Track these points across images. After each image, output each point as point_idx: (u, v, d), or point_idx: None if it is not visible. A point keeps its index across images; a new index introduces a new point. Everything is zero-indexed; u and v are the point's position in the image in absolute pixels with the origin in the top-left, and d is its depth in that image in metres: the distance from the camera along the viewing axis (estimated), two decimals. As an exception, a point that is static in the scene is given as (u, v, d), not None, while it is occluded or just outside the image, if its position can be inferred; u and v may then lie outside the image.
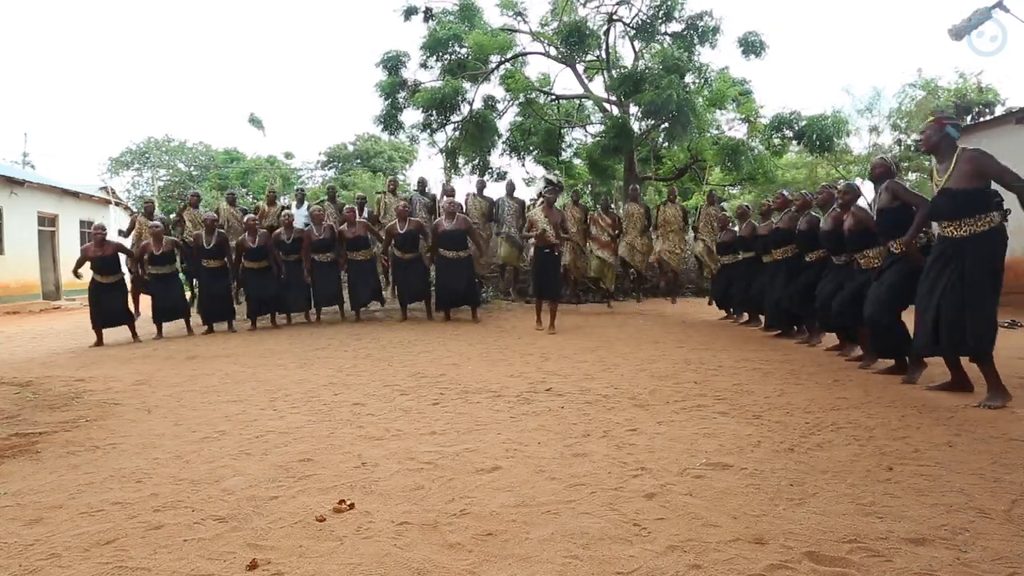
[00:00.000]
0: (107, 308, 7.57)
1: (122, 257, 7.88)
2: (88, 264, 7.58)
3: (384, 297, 9.33)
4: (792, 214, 6.41)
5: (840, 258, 5.36)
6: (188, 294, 8.81)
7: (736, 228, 8.33)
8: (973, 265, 3.63)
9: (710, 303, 9.57)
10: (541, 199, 7.79)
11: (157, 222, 8.55)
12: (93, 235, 7.61)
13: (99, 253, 7.50)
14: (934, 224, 4.16)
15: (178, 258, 8.76)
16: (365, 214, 10.18)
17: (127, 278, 8.16)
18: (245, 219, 8.75)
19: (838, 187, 5.45)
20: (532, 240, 7.71)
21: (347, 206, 9.41)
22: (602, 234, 9.84)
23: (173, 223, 10.02)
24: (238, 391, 4.49)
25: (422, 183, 11.02)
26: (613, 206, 11.08)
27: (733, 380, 4.54)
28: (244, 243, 8.32)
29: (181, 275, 9.43)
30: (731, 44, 13.22)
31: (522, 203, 10.51)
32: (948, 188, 3.72)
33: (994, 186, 3.67)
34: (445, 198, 9.33)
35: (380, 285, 9.20)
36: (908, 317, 4.31)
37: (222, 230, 8.50)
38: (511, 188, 10.63)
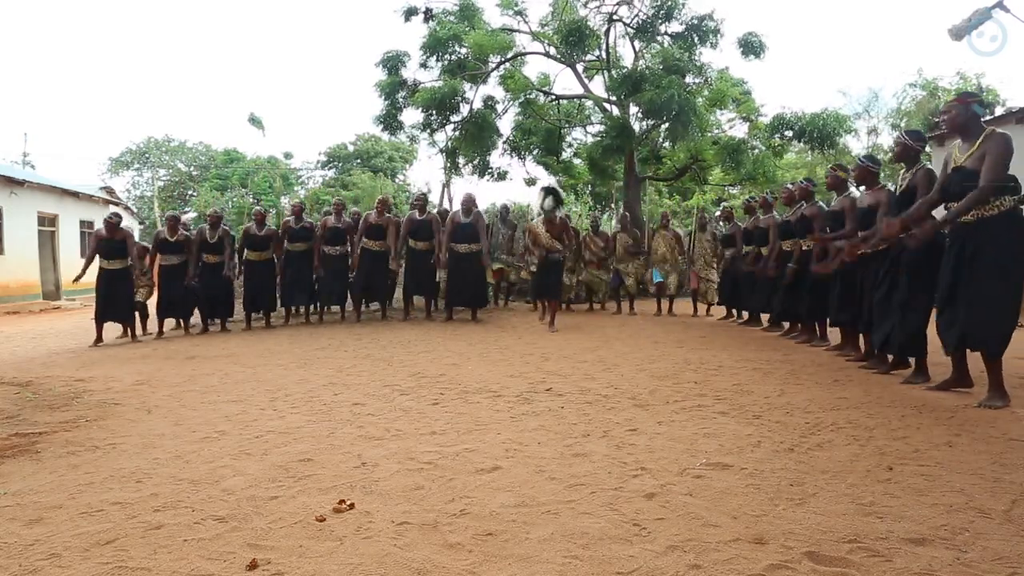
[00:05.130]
0: (112, 298, 7.54)
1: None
2: (96, 258, 7.60)
3: (391, 296, 9.31)
4: (798, 208, 6.38)
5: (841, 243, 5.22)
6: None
7: (740, 224, 8.34)
8: (982, 252, 3.47)
9: (729, 315, 9.42)
10: (541, 213, 7.69)
11: (175, 212, 8.62)
12: (107, 220, 7.62)
13: (112, 236, 7.52)
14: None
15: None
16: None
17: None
18: (253, 211, 8.84)
19: (858, 162, 5.20)
20: (534, 254, 7.89)
21: (380, 196, 9.45)
22: (593, 258, 9.89)
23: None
24: (238, 391, 4.49)
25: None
26: (612, 207, 11.08)
27: (733, 380, 4.54)
28: (249, 230, 8.36)
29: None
30: (731, 45, 13.19)
31: (514, 228, 10.54)
32: (963, 166, 3.55)
33: (1011, 171, 3.47)
34: (464, 193, 9.29)
35: (390, 282, 9.17)
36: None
37: (226, 226, 8.53)
38: (504, 212, 10.66)
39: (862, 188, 5.14)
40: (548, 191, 7.70)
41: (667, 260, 9.78)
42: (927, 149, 14.43)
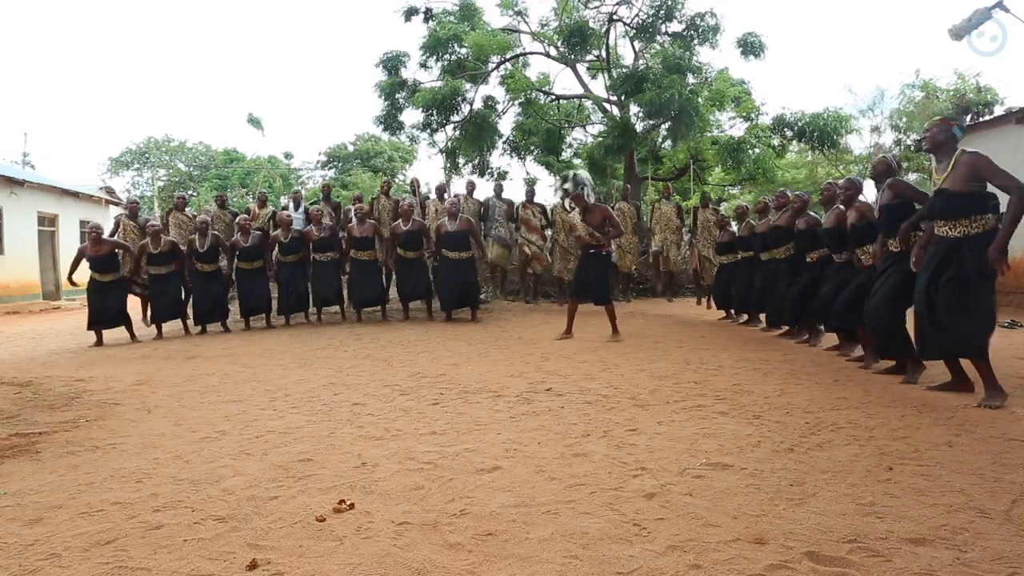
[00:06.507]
0: (106, 307, 7.55)
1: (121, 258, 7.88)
2: (86, 263, 7.59)
3: (386, 299, 9.32)
4: (790, 213, 6.41)
5: (841, 256, 5.34)
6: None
7: (735, 228, 8.34)
8: (969, 267, 3.63)
9: (699, 303, 9.68)
10: (570, 202, 7.27)
11: (156, 221, 8.59)
12: (89, 234, 7.60)
13: (96, 252, 7.49)
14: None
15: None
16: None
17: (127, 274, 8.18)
18: (237, 219, 8.79)
19: (840, 184, 5.42)
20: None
21: (358, 205, 9.38)
22: None
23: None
24: (238, 391, 4.49)
25: (414, 184, 11.12)
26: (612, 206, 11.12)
27: (733, 380, 4.54)
28: (237, 243, 8.34)
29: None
30: (731, 44, 13.20)
31: (511, 203, 10.53)
32: (945, 188, 3.73)
33: (991, 189, 3.66)
34: (447, 198, 9.32)
35: (383, 286, 9.20)
36: (909, 316, 4.31)
37: (216, 232, 8.51)
38: (499, 189, 10.65)
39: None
40: (566, 177, 7.14)
41: (670, 230, 9.88)
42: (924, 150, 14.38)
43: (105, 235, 8.02)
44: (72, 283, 7.76)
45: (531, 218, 10.13)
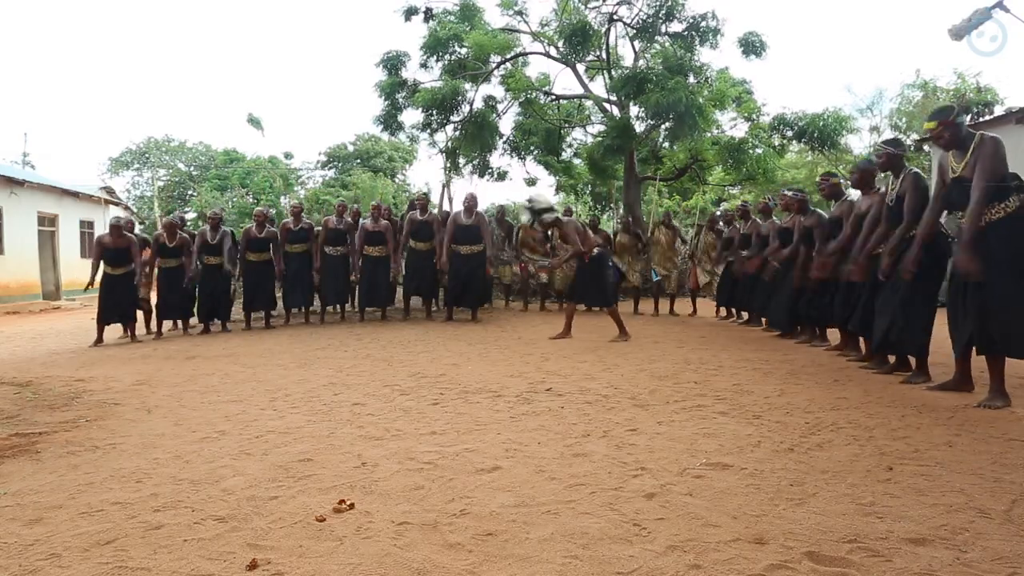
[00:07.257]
0: (116, 300, 7.62)
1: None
2: (101, 262, 7.67)
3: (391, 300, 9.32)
4: (795, 216, 6.38)
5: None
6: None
7: (739, 227, 8.33)
8: (996, 255, 3.47)
9: (717, 313, 9.52)
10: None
11: (175, 217, 8.67)
12: (112, 227, 7.67)
13: (117, 244, 7.60)
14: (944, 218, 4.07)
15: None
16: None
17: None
18: (254, 212, 8.86)
19: (836, 173, 5.32)
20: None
21: (373, 202, 9.49)
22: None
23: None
24: (238, 391, 4.49)
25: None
26: (612, 206, 11.10)
27: (733, 380, 4.54)
28: (250, 232, 8.37)
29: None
30: (732, 44, 13.20)
31: (510, 229, 10.49)
32: (962, 177, 3.60)
33: (1011, 170, 3.52)
34: (466, 194, 9.35)
35: (391, 287, 9.21)
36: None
37: (226, 229, 8.55)
38: (500, 214, 10.63)
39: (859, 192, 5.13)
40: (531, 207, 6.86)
41: (667, 257, 9.81)
42: (926, 148, 14.38)
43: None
44: (92, 283, 7.82)
45: (531, 240, 10.09)
